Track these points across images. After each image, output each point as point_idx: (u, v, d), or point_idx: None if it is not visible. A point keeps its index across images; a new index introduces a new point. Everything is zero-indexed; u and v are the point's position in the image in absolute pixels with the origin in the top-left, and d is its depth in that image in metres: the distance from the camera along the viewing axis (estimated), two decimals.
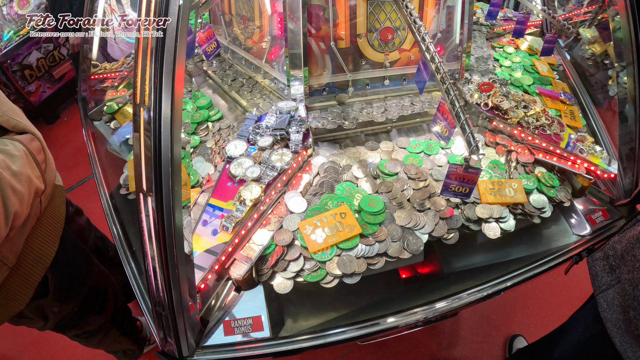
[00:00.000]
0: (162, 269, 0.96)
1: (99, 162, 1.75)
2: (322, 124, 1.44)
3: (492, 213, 1.31)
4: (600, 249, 1.07)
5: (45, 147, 1.34)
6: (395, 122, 1.57)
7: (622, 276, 0.95)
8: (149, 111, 0.87)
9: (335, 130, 1.48)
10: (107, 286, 1.72)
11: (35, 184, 1.21)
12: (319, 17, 1.40)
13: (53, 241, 1.36)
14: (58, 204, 1.42)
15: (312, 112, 1.51)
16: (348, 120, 1.48)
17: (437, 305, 1.29)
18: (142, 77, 0.89)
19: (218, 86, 1.75)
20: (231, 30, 1.73)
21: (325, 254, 1.15)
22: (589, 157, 1.46)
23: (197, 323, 1.15)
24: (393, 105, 1.55)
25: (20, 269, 1.25)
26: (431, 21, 1.55)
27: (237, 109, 1.64)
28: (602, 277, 1.02)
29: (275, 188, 1.26)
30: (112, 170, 1.67)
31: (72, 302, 1.50)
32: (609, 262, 1.02)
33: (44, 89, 3.42)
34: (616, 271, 0.98)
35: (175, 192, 0.92)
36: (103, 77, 2.06)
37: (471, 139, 1.07)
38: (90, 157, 1.79)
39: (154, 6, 0.86)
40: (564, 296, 2.53)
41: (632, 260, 0.91)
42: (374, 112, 1.50)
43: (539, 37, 2.14)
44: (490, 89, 1.60)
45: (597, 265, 1.05)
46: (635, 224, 0.96)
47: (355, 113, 1.51)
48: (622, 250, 0.96)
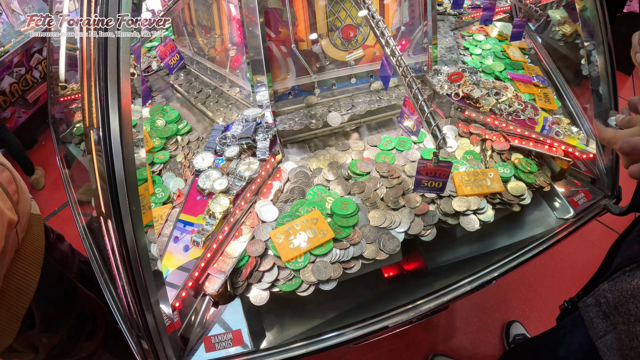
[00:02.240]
0: (131, 291, 0.94)
1: (72, 185, 1.72)
2: (289, 126, 1.42)
3: (469, 205, 1.28)
4: (590, 294, 1.04)
5: (17, 177, 1.32)
6: (365, 117, 1.55)
7: (617, 326, 0.93)
8: (97, 132, 0.85)
9: (303, 130, 1.46)
10: (95, 311, 1.69)
11: (7, 216, 1.18)
12: (277, 20, 1.37)
13: (34, 271, 1.33)
14: (36, 233, 1.39)
15: (279, 116, 1.49)
16: (315, 119, 1.45)
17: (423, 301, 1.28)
18: (88, 98, 0.86)
19: (186, 99, 1.72)
20: (195, 40, 1.70)
21: (299, 262, 1.12)
22: (565, 139, 1.44)
23: (177, 342, 1.13)
24: (360, 101, 1.53)
25: (3, 303, 1.23)
26: (393, 15, 1.53)
27: (205, 120, 1.61)
28: (597, 324, 1.00)
29: (245, 198, 1.23)
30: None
31: (60, 331, 1.47)
32: (602, 309, 0.99)
33: (19, 114, 3.38)
34: (610, 318, 0.96)
35: (134, 212, 0.89)
36: (71, 98, 2.03)
37: (437, 132, 1.05)
38: (63, 180, 1.76)
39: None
40: (556, 278, 2.53)
41: (626, 313, 0.89)
42: (342, 110, 1.48)
43: (508, 23, 2.12)
44: (460, 78, 1.58)
45: (590, 311, 1.03)
46: (625, 275, 0.94)
47: (322, 112, 1.49)
48: (614, 300, 0.94)
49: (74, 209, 1.62)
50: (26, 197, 1.35)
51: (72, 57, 1.95)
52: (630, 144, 0.72)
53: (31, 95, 3.43)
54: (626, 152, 0.73)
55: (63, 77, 2.03)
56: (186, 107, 1.68)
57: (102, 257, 1.42)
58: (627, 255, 1.01)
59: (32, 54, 3.36)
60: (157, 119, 1.59)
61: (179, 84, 1.75)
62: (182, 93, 1.71)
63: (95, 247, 1.46)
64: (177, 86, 1.74)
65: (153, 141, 1.52)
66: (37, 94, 3.48)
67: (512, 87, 1.60)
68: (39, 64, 3.42)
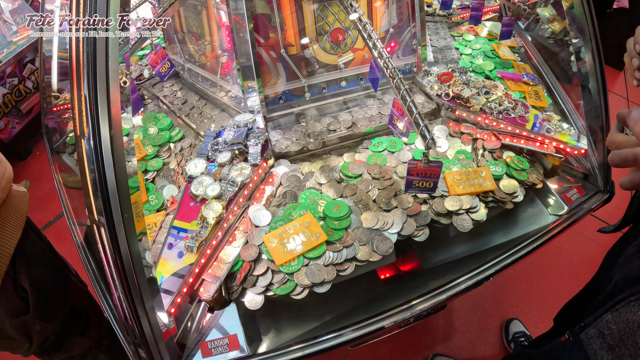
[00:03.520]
0: (126, 298, 0.94)
1: (67, 195, 1.72)
2: (285, 147, 1.42)
3: (462, 204, 1.29)
4: (593, 326, 1.03)
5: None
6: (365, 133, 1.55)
7: (624, 358, 0.92)
8: (88, 140, 0.85)
9: (301, 152, 1.47)
10: (89, 307, 1.70)
11: None
12: (266, 25, 1.38)
13: (13, 232, 1.34)
14: (19, 203, 1.40)
15: (275, 133, 1.49)
16: (313, 138, 1.46)
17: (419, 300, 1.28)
18: (79, 107, 0.87)
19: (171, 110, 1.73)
20: (185, 48, 1.71)
21: (293, 265, 1.13)
22: (557, 136, 1.45)
23: (174, 348, 1.13)
24: (360, 117, 1.53)
25: None
26: (382, 17, 1.54)
27: (191, 132, 1.62)
28: (602, 356, 0.98)
29: (238, 203, 1.23)
30: (82, 202, 1.64)
31: (53, 320, 1.50)
32: (606, 341, 0.97)
33: (13, 124, 3.36)
34: (616, 350, 0.95)
35: (127, 219, 0.90)
36: (64, 107, 2.03)
37: (425, 132, 1.06)
38: (58, 191, 1.77)
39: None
40: (553, 275, 2.53)
41: (633, 346, 0.88)
42: (341, 128, 1.49)
43: (498, 22, 2.14)
44: (450, 78, 1.59)
45: (594, 343, 1.01)
46: (630, 305, 0.93)
47: (320, 130, 1.49)
48: (620, 332, 0.92)
49: (69, 219, 1.62)
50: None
51: (64, 66, 1.95)
52: (620, 156, 0.71)
53: (24, 105, 3.41)
54: (615, 164, 0.72)
55: (56, 87, 2.03)
56: (172, 116, 1.69)
57: (97, 266, 1.42)
58: (627, 272, 1.00)
59: (25, 64, 3.35)
60: (150, 127, 1.60)
61: (164, 95, 1.75)
62: (167, 104, 1.71)
63: (91, 256, 1.46)
64: (162, 97, 1.74)
65: (146, 149, 1.52)
66: (30, 104, 3.46)
67: (502, 85, 1.61)
68: (31, 74, 3.41)
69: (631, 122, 0.73)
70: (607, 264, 1.38)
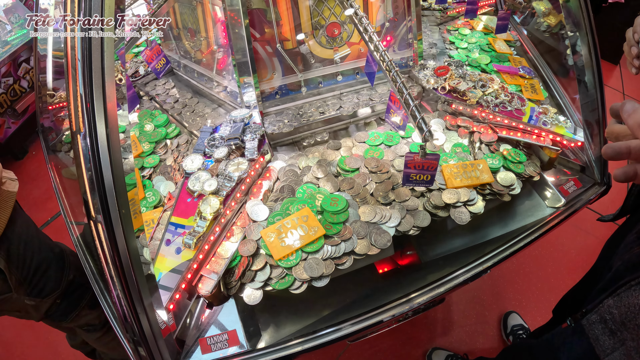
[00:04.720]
0: (124, 295, 0.94)
1: (64, 194, 1.71)
2: (278, 128, 1.42)
3: (459, 197, 1.29)
4: (594, 311, 1.03)
5: None
6: (355, 118, 1.55)
7: (626, 342, 0.92)
8: (84, 137, 0.85)
9: (293, 133, 1.46)
10: None
11: None
12: (262, 20, 1.37)
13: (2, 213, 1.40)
14: (6, 192, 1.45)
15: (268, 117, 1.49)
16: (305, 118, 1.46)
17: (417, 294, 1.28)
18: (74, 103, 0.87)
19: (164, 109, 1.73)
20: (181, 44, 1.70)
21: (291, 260, 1.13)
22: (553, 128, 1.45)
23: (173, 345, 1.13)
24: (348, 101, 1.53)
25: None
26: (377, 11, 1.54)
27: (184, 130, 1.61)
28: (604, 341, 0.98)
29: (235, 199, 1.23)
30: (79, 200, 1.64)
31: (47, 297, 1.55)
32: (607, 326, 0.97)
33: (9, 124, 3.34)
34: (618, 334, 0.95)
35: (124, 215, 0.90)
36: (60, 106, 2.02)
37: (423, 125, 1.06)
38: (55, 189, 1.76)
39: None
40: (551, 268, 2.54)
41: (635, 329, 0.87)
42: (330, 110, 1.49)
43: (493, 16, 2.14)
44: (446, 72, 1.59)
45: (596, 328, 1.01)
46: (631, 290, 0.93)
47: (311, 112, 1.49)
48: (621, 316, 0.92)
49: (67, 218, 1.62)
50: None
51: (59, 64, 1.94)
52: (614, 149, 0.71)
53: (20, 105, 3.40)
54: (609, 157, 0.72)
55: (51, 85, 2.02)
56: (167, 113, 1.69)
57: (95, 264, 1.42)
58: (628, 259, 1.00)
59: (20, 64, 3.34)
60: (146, 124, 1.59)
61: (157, 94, 1.74)
62: (159, 103, 1.70)
63: (89, 254, 1.46)
64: (155, 96, 1.74)
65: (142, 146, 1.52)
66: (25, 104, 3.45)
67: (498, 79, 1.61)
68: (26, 74, 3.40)
69: (624, 115, 0.73)
70: (607, 254, 1.38)
